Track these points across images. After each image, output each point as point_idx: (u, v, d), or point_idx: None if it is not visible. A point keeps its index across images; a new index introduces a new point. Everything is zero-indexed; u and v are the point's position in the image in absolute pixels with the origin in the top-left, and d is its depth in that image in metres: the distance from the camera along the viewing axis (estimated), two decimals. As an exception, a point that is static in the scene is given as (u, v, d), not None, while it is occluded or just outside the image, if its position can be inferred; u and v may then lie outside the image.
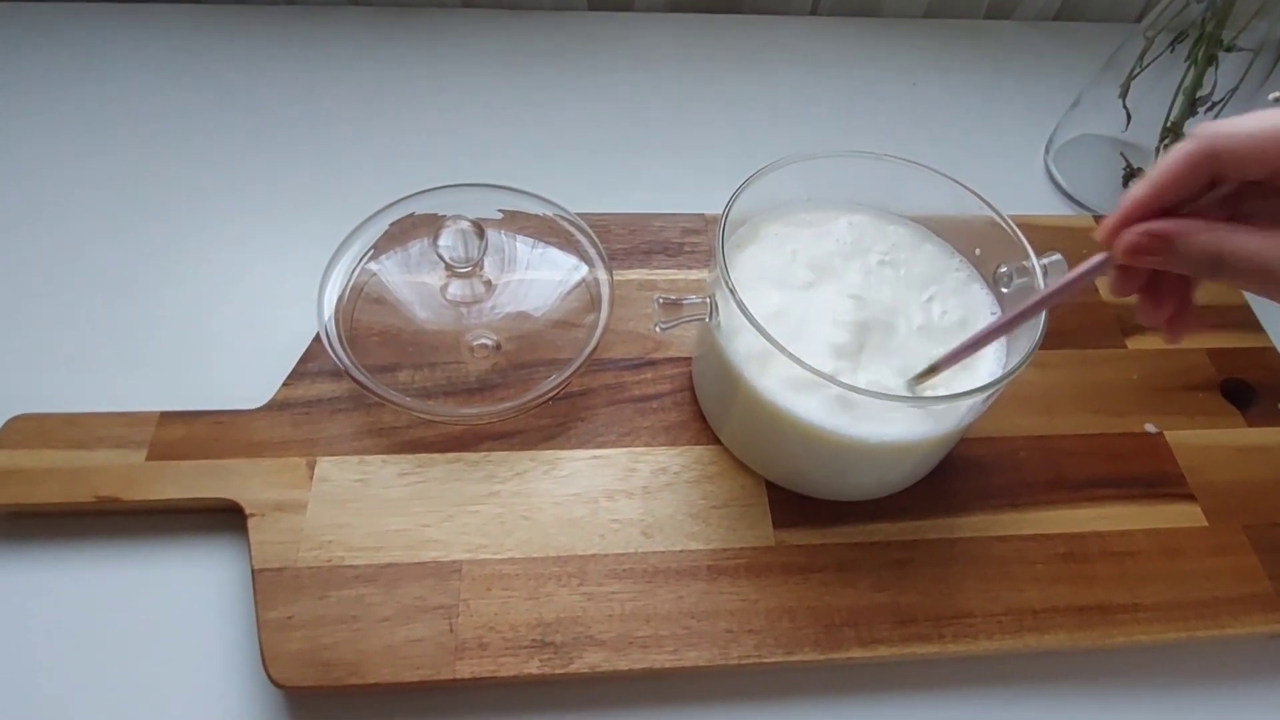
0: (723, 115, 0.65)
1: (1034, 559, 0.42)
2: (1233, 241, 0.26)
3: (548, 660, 0.37)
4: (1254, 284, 0.27)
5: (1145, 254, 0.27)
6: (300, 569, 0.39)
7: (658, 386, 0.46)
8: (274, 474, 0.41)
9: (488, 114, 0.63)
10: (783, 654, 0.38)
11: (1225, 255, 0.26)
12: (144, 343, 0.48)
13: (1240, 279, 0.26)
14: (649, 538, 0.41)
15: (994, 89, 0.70)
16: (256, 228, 0.54)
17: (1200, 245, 0.26)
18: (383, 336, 0.45)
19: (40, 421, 0.42)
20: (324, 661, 0.36)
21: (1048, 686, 0.40)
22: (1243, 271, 0.26)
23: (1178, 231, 0.27)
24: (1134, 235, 0.28)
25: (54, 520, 0.41)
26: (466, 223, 0.43)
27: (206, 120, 0.60)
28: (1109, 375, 0.49)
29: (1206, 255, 0.26)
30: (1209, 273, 0.27)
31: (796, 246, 0.43)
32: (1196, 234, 0.27)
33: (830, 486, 0.42)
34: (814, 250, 0.43)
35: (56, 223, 0.53)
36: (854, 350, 0.39)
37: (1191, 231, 0.27)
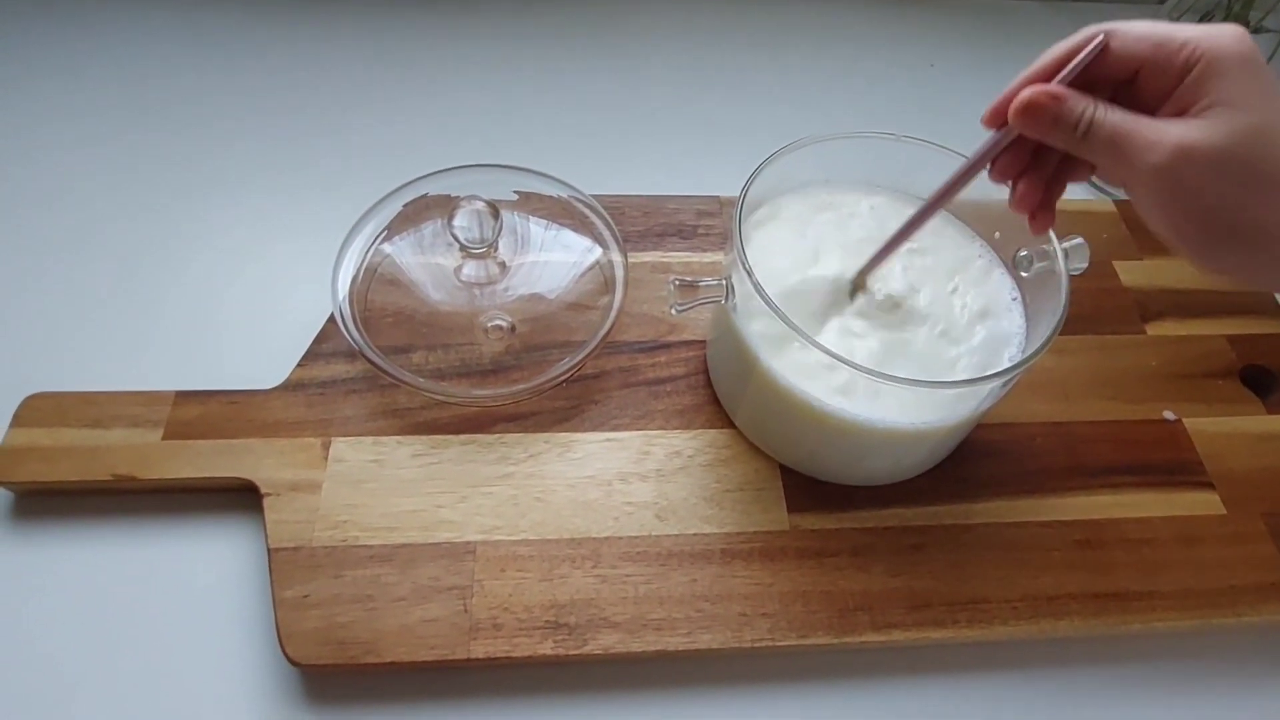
0: (739, 97, 0.65)
1: (1050, 545, 0.41)
2: (1102, 110, 0.29)
3: (561, 641, 0.37)
4: (1108, 156, 0.30)
5: (1038, 109, 0.30)
6: (316, 548, 0.39)
7: (672, 369, 0.46)
8: (289, 454, 0.41)
9: (503, 95, 0.63)
10: (796, 637, 0.38)
11: (1095, 121, 0.29)
12: (159, 322, 0.48)
13: (1100, 148, 0.30)
14: (663, 521, 0.41)
15: (1014, 70, 0.68)
16: (271, 208, 0.54)
17: (1079, 109, 0.30)
18: (397, 317, 0.45)
19: (57, 400, 0.42)
20: (339, 640, 0.36)
21: (1063, 673, 0.40)
22: (1105, 140, 0.29)
23: (1064, 93, 0.30)
24: (1030, 91, 0.30)
25: (71, 498, 0.41)
26: (481, 203, 0.43)
27: (222, 101, 0.60)
28: (1127, 361, 0.49)
29: (1082, 119, 0.29)
30: (1078, 141, 0.30)
31: (815, 229, 0.43)
32: (1077, 98, 0.30)
33: (845, 471, 0.42)
34: (833, 233, 0.43)
35: (75, 203, 0.53)
36: (872, 334, 0.39)
37: (1073, 96, 0.30)
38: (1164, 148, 0.28)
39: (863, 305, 0.40)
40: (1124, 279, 0.52)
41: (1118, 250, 0.53)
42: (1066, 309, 0.37)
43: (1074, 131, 0.30)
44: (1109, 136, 0.29)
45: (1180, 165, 0.28)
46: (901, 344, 0.39)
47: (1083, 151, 0.30)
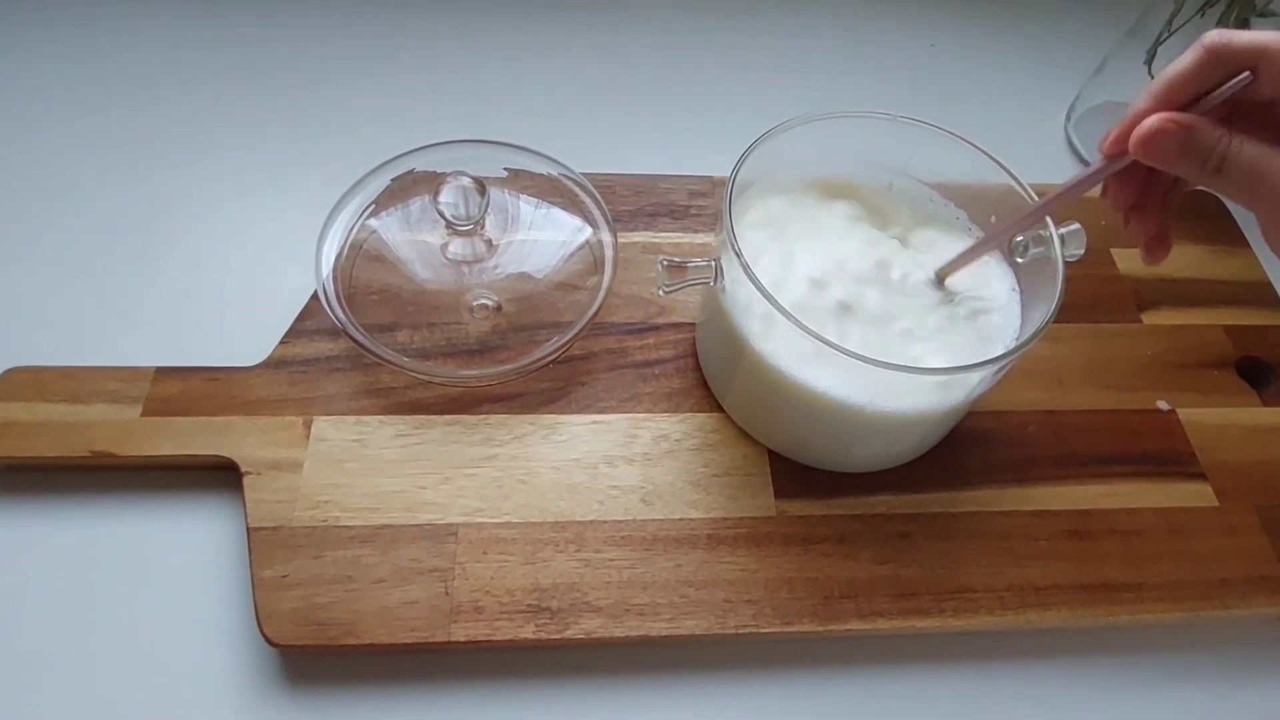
0: (735, 75, 0.64)
1: (1039, 535, 0.41)
2: (1236, 144, 0.27)
3: (543, 625, 0.37)
4: (1243, 192, 0.28)
5: (1162, 140, 0.28)
6: (296, 528, 0.38)
7: (660, 352, 0.46)
8: (270, 432, 0.41)
9: (494, 69, 0.62)
10: (780, 624, 0.38)
11: (1229, 156, 0.28)
12: (141, 297, 0.47)
13: (1233, 184, 0.28)
14: (648, 505, 0.40)
15: (1015, 52, 0.68)
16: (256, 182, 0.53)
17: (1210, 141, 0.28)
18: (382, 295, 0.44)
19: (36, 374, 0.42)
20: (318, 621, 0.36)
21: (1049, 663, 0.40)
22: (1239, 176, 0.28)
23: (1194, 123, 0.28)
24: (1157, 120, 0.28)
25: (48, 474, 0.41)
26: (468, 179, 0.42)
27: (206, 73, 0.59)
28: (1122, 350, 0.48)
29: (1214, 153, 0.28)
30: (1210, 173, 0.28)
31: (807, 210, 0.42)
32: (1209, 130, 0.28)
33: (834, 457, 0.42)
34: (825, 214, 0.42)
35: (55, 176, 0.52)
36: (863, 319, 0.38)
37: (1204, 126, 0.28)
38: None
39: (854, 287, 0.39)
40: (1121, 267, 0.51)
41: (1115, 238, 0.53)
42: (1062, 296, 0.36)
43: (1204, 165, 0.28)
44: (1244, 173, 0.28)
45: None
46: (893, 329, 0.38)
47: (1214, 185, 0.29)
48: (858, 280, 0.39)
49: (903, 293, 0.39)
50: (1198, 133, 0.28)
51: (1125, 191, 0.33)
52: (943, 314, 0.39)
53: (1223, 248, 0.53)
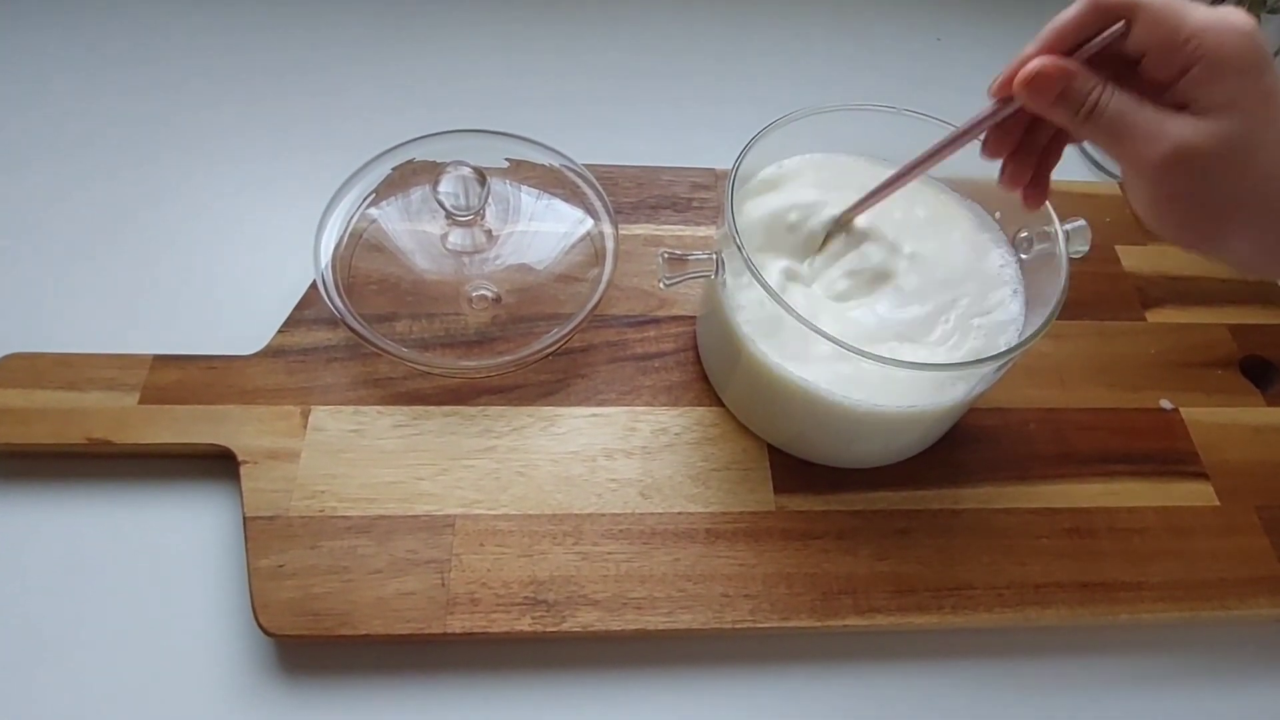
0: (740, 67, 0.63)
1: (1039, 533, 0.41)
2: (1109, 94, 0.29)
3: (540, 618, 0.37)
4: (1109, 142, 0.29)
5: (1043, 83, 0.29)
6: (292, 518, 0.38)
7: (661, 345, 0.45)
8: (267, 421, 0.41)
9: (497, 58, 0.61)
10: (778, 620, 0.37)
11: (1099, 105, 0.29)
12: (139, 285, 0.47)
13: (1101, 133, 0.29)
14: (647, 499, 0.40)
15: (1020, 46, 0.67)
16: (255, 170, 0.53)
17: (1087, 88, 0.29)
18: (381, 285, 0.44)
19: (33, 361, 0.42)
20: (314, 611, 0.36)
21: (1048, 661, 0.39)
22: (1106, 125, 0.29)
23: (1074, 69, 0.29)
24: (1039, 62, 0.29)
25: (45, 461, 0.40)
26: (468, 169, 0.42)
27: (206, 61, 0.58)
28: (1126, 348, 0.48)
29: (1088, 100, 0.29)
30: (1081, 119, 0.29)
31: (809, 203, 0.42)
32: (1086, 76, 0.29)
33: (834, 453, 0.41)
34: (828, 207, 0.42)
35: (54, 164, 0.52)
36: (866, 315, 0.38)
37: (1083, 73, 0.29)
38: (1163, 144, 0.28)
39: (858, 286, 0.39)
40: (1125, 264, 0.51)
41: (1120, 234, 0.52)
42: (1065, 293, 0.36)
43: (1077, 111, 0.29)
44: (1111, 123, 0.29)
45: (1175, 163, 0.28)
46: (895, 324, 0.38)
47: (1081, 133, 0.30)
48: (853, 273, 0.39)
49: (905, 281, 0.39)
50: (1076, 78, 0.29)
51: (1006, 139, 0.34)
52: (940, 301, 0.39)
53: (1228, 246, 0.53)
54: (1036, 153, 0.34)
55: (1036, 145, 0.34)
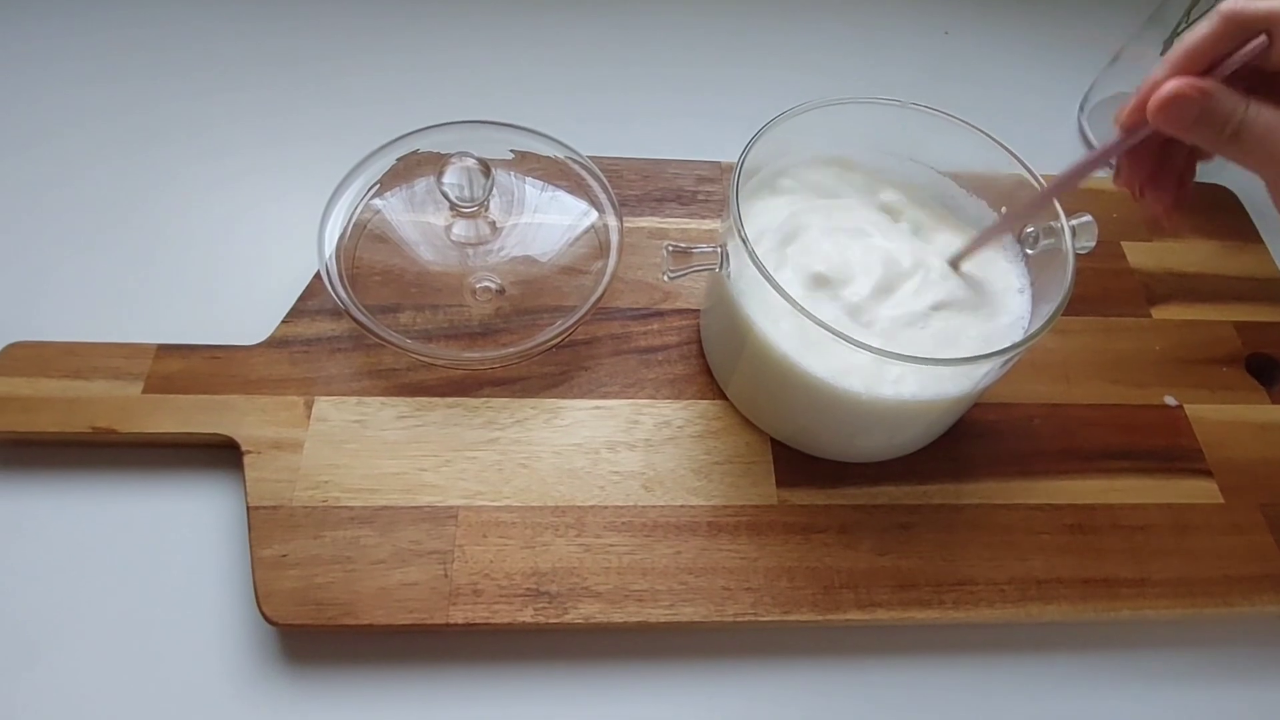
0: (746, 59, 0.63)
1: (1041, 529, 0.41)
2: (1254, 110, 0.27)
3: (542, 609, 0.37)
4: (1258, 159, 0.28)
5: (1181, 105, 0.28)
6: (295, 508, 0.38)
7: (664, 338, 0.45)
8: (271, 412, 0.41)
9: (503, 50, 0.61)
10: (780, 613, 0.37)
11: (1246, 123, 0.27)
12: (143, 274, 0.47)
13: (1248, 151, 0.28)
14: (649, 491, 0.40)
15: (1030, 41, 0.67)
16: (260, 160, 0.53)
17: (1229, 106, 0.28)
18: (385, 276, 0.44)
19: (38, 349, 0.42)
20: (317, 601, 0.36)
21: (1049, 658, 0.39)
22: (1254, 142, 0.28)
23: (1213, 89, 0.28)
24: (1176, 84, 0.28)
25: (50, 449, 0.41)
26: (472, 160, 0.42)
27: (211, 49, 0.58)
28: (1131, 345, 0.48)
29: (1232, 119, 0.28)
30: (1226, 139, 0.28)
31: (814, 197, 0.42)
32: (1227, 95, 0.28)
33: (837, 447, 0.41)
34: (832, 201, 0.41)
35: (59, 152, 0.52)
36: (870, 308, 0.38)
37: (1222, 92, 0.28)
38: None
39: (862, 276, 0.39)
40: (1131, 260, 0.51)
41: (1127, 231, 0.52)
42: (1071, 288, 0.35)
43: (1222, 131, 0.28)
44: (1260, 138, 0.28)
45: None
46: (901, 317, 0.38)
47: (1229, 152, 0.29)
48: (866, 270, 0.39)
49: (913, 278, 0.39)
50: (1216, 98, 0.28)
51: (1140, 166, 0.33)
52: (951, 303, 0.39)
53: (1235, 243, 0.53)
54: (1175, 174, 0.33)
55: (1174, 167, 0.33)
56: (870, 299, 0.38)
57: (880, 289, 0.38)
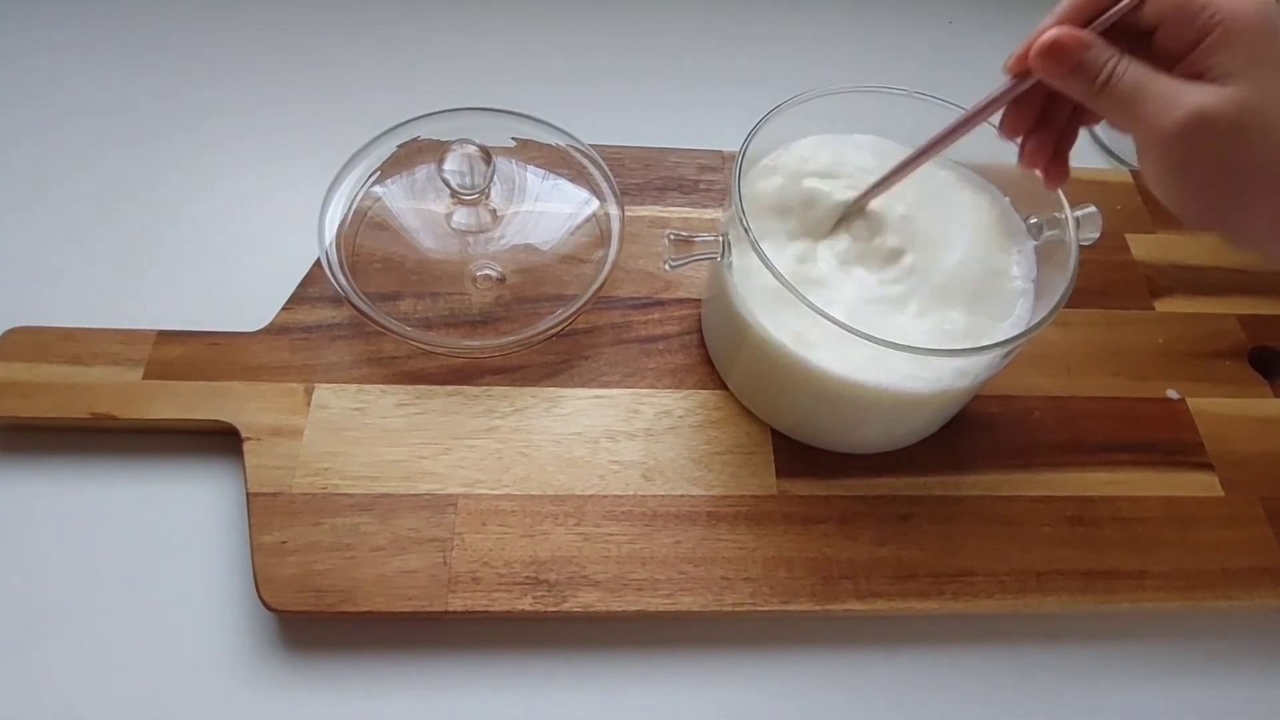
0: (748, 48, 0.62)
1: (1041, 520, 0.41)
2: (1124, 64, 0.28)
3: (541, 598, 0.37)
4: (1124, 113, 0.29)
5: (1059, 54, 0.29)
6: (295, 495, 0.38)
7: (665, 327, 0.45)
8: (271, 398, 0.41)
9: (503, 37, 0.61)
10: (778, 603, 0.37)
11: (1114, 75, 0.28)
12: (143, 260, 0.47)
13: (1116, 105, 0.29)
14: (649, 481, 0.40)
15: (1034, 30, 0.66)
16: (260, 147, 0.53)
17: (1103, 58, 0.29)
18: (385, 263, 0.44)
19: (38, 335, 0.42)
20: (317, 587, 0.36)
21: (1048, 649, 0.39)
22: (1121, 97, 0.28)
23: (1090, 40, 0.29)
24: (1056, 32, 0.29)
25: (49, 435, 0.41)
26: (473, 147, 0.41)
27: (212, 34, 0.58)
28: (1133, 337, 0.47)
29: (1104, 70, 0.29)
30: (1096, 90, 0.29)
31: (818, 185, 0.41)
32: (1102, 47, 0.29)
33: (838, 438, 0.41)
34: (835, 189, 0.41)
35: (60, 138, 0.52)
36: (871, 297, 0.38)
37: (1098, 43, 0.29)
38: (1180, 111, 0.27)
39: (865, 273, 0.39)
40: (1135, 252, 0.51)
41: (1131, 222, 0.52)
42: (1074, 280, 0.35)
43: (1093, 82, 0.29)
44: (1127, 92, 0.28)
45: (1193, 131, 0.27)
46: (902, 309, 0.38)
47: (1097, 104, 0.29)
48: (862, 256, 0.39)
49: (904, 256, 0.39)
50: (1092, 49, 0.29)
51: (1024, 115, 0.34)
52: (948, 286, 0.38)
53: (1240, 235, 0.52)
54: (1055, 129, 0.34)
55: (1055, 122, 0.34)
56: (871, 289, 0.38)
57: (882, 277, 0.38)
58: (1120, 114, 0.29)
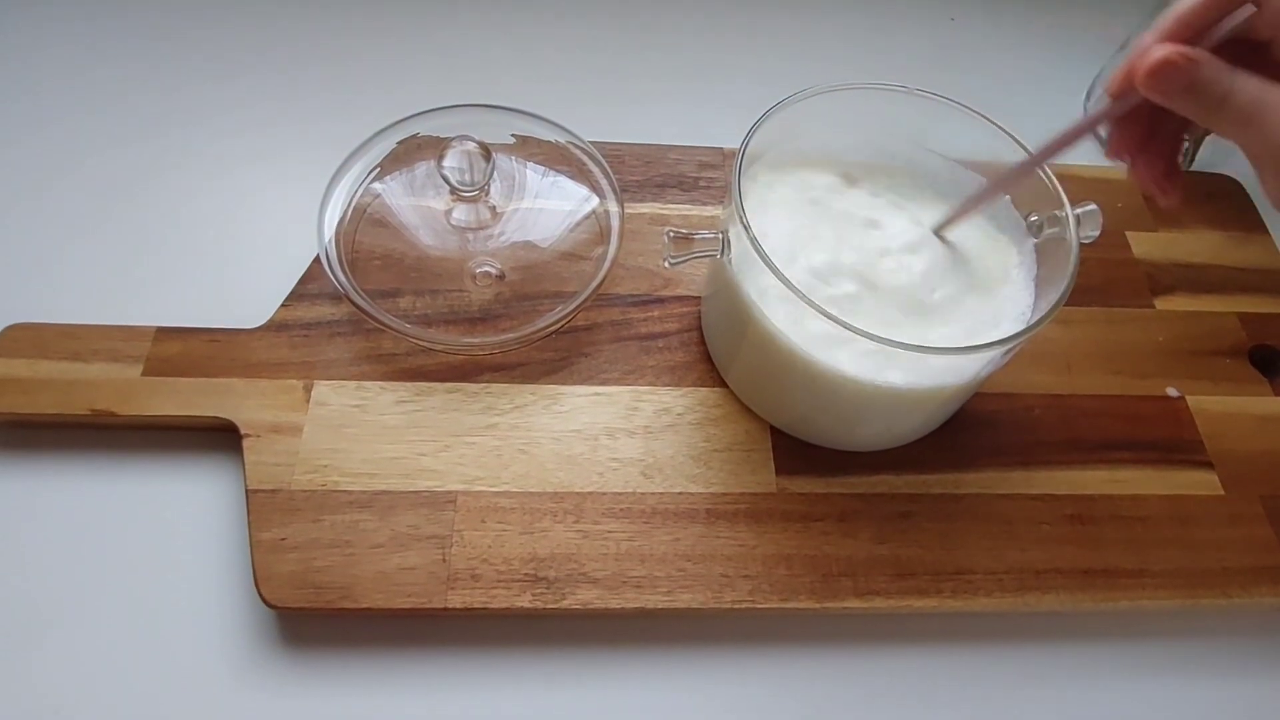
0: (748, 44, 0.62)
1: (1041, 519, 0.41)
2: (1240, 80, 0.27)
3: (540, 595, 0.37)
4: (1242, 129, 0.27)
5: (1170, 72, 0.28)
6: (294, 491, 0.38)
7: (665, 325, 0.45)
8: (270, 395, 0.41)
9: (503, 34, 0.61)
10: (777, 600, 0.37)
11: (1232, 93, 0.27)
12: (142, 256, 0.47)
13: (1233, 121, 0.27)
14: (648, 478, 0.40)
15: (1037, 28, 0.66)
16: (260, 143, 0.53)
17: (1216, 75, 0.27)
18: (384, 260, 0.44)
19: (37, 331, 0.42)
20: (316, 584, 0.36)
21: (1047, 647, 0.39)
22: (1238, 112, 0.27)
23: (1201, 57, 0.27)
24: (1164, 50, 0.28)
25: (49, 431, 0.41)
26: (473, 144, 0.41)
27: (210, 30, 0.58)
28: (1134, 335, 0.47)
29: (1218, 90, 0.27)
30: (1212, 108, 0.28)
31: (817, 183, 0.41)
32: (1214, 64, 0.27)
33: (837, 435, 0.41)
34: (835, 186, 0.41)
35: (60, 134, 0.52)
36: (871, 295, 0.38)
37: (1210, 60, 0.27)
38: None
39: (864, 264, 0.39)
40: (1136, 250, 0.51)
41: (1132, 220, 0.52)
42: (1074, 278, 0.35)
43: (1208, 100, 0.27)
44: (1247, 108, 0.27)
45: None
46: (901, 306, 0.38)
47: (1214, 123, 0.28)
48: (863, 253, 0.38)
49: (905, 254, 0.38)
50: (1204, 66, 0.27)
51: (1130, 136, 0.32)
52: (949, 284, 0.38)
53: (1240, 234, 0.52)
54: (1166, 145, 0.33)
55: (1165, 137, 0.32)
56: (870, 284, 0.38)
57: (882, 274, 0.38)
58: (1239, 132, 0.28)
